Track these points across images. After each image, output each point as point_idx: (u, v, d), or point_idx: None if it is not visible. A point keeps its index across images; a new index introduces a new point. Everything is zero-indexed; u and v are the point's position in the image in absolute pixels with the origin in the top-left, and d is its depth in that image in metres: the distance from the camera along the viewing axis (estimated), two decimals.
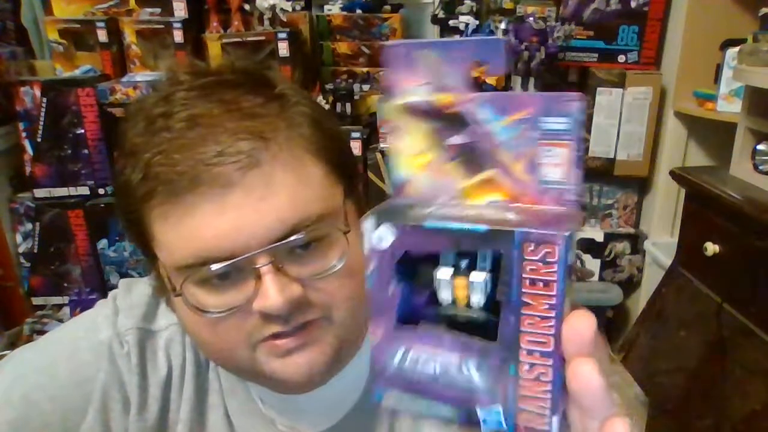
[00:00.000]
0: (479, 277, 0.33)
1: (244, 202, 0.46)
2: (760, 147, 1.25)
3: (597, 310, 1.95)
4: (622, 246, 1.98)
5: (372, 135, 1.76)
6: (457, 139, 0.33)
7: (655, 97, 1.78)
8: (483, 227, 0.31)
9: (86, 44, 1.66)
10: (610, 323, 2.10)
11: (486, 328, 0.32)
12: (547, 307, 0.30)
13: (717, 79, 1.57)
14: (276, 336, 0.49)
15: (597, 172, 1.90)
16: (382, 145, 1.64)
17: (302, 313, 0.49)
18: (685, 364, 1.34)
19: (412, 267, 0.34)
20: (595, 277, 2.00)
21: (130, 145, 0.49)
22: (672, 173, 1.45)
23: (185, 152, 0.46)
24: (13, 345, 0.62)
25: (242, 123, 0.47)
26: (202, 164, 0.45)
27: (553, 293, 0.29)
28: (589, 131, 1.87)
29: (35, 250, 1.67)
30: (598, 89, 1.82)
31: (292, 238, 0.47)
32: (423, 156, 0.35)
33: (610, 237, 1.97)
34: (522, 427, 0.31)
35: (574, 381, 0.29)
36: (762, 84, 1.18)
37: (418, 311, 0.35)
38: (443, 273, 0.33)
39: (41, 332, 1.55)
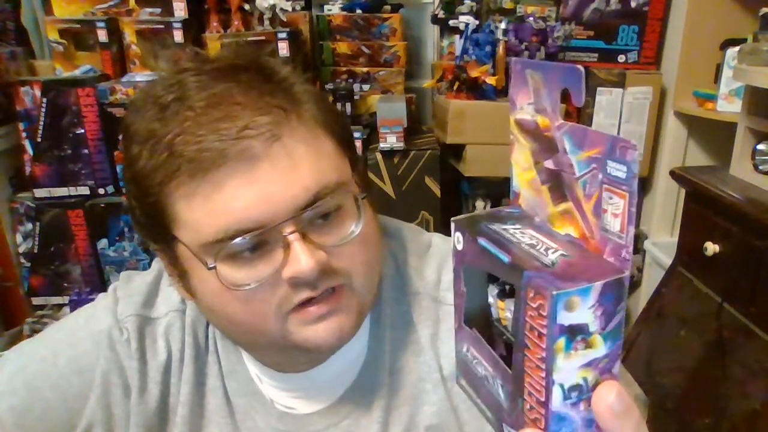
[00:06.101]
0: (512, 304, 0.33)
1: (271, 173, 0.48)
2: (760, 147, 1.25)
3: None
4: None
5: (372, 135, 1.76)
6: (549, 164, 0.34)
7: (655, 97, 1.78)
8: (506, 259, 0.31)
9: (86, 44, 1.66)
10: None
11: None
12: (539, 357, 0.29)
13: (717, 79, 1.57)
14: (305, 304, 0.51)
15: None
16: (381, 145, 1.64)
17: (328, 279, 0.51)
18: (685, 363, 1.34)
19: (480, 273, 0.36)
20: None
21: (145, 132, 0.50)
22: (672, 173, 1.45)
23: (209, 128, 0.47)
24: (13, 345, 0.62)
25: (262, 99, 0.49)
26: (227, 139, 0.47)
27: (543, 346, 0.29)
28: None
29: (35, 250, 1.67)
30: (598, 89, 1.82)
31: (316, 205, 0.49)
32: (529, 172, 0.36)
33: None
34: None
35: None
36: (762, 84, 1.18)
37: (484, 316, 0.37)
38: (492, 289, 0.35)
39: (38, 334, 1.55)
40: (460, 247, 0.35)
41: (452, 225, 0.36)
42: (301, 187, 0.49)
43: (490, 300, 0.36)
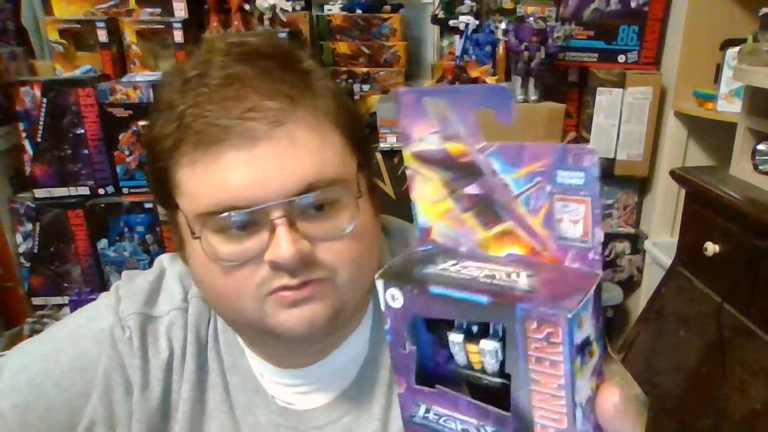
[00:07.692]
0: (489, 345, 0.31)
1: (270, 155, 0.50)
2: (760, 147, 1.25)
3: None
4: (622, 246, 1.98)
5: (372, 135, 1.76)
6: (472, 189, 0.33)
7: (655, 97, 1.78)
8: (485, 299, 0.29)
9: (86, 44, 1.66)
10: (610, 323, 2.10)
11: (501, 394, 0.31)
12: (556, 386, 0.28)
13: (717, 79, 1.57)
14: (283, 288, 0.52)
15: None
16: (381, 144, 1.64)
17: (309, 270, 0.51)
18: (685, 363, 1.34)
19: (429, 325, 0.34)
20: None
21: (166, 101, 0.53)
22: (672, 173, 1.45)
23: (218, 106, 0.50)
24: (13, 345, 0.63)
25: (274, 86, 0.51)
26: (234, 117, 0.49)
27: (560, 374, 0.28)
28: (589, 131, 1.87)
29: (35, 250, 1.67)
30: (598, 89, 1.82)
31: (307, 194, 0.50)
32: (441, 204, 0.34)
33: (610, 237, 1.97)
34: None
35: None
36: (762, 84, 1.18)
37: (439, 368, 0.34)
38: (455, 337, 0.33)
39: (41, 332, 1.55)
40: (398, 304, 0.32)
41: (379, 283, 0.32)
42: (297, 174, 0.50)
43: (454, 349, 0.33)
